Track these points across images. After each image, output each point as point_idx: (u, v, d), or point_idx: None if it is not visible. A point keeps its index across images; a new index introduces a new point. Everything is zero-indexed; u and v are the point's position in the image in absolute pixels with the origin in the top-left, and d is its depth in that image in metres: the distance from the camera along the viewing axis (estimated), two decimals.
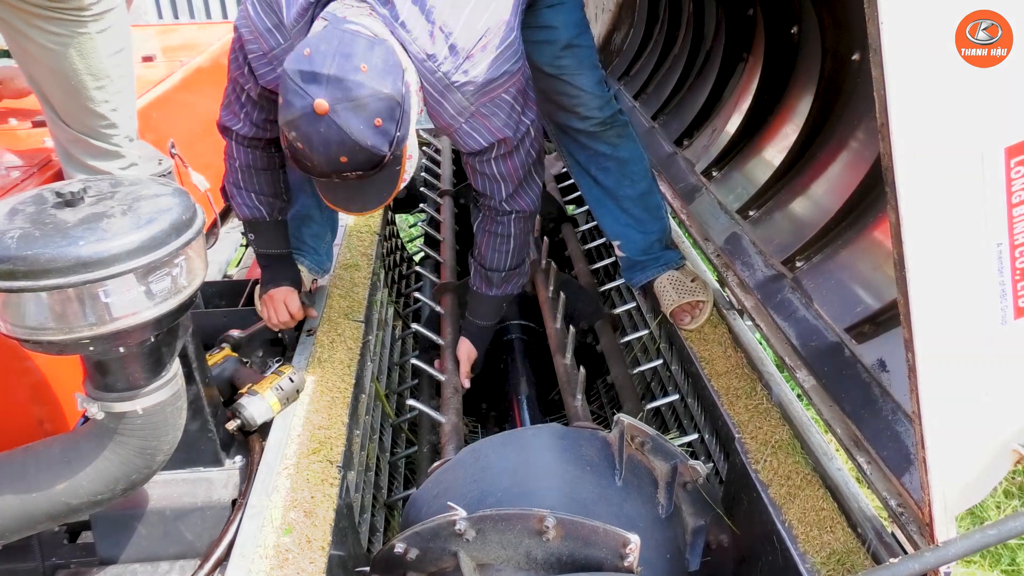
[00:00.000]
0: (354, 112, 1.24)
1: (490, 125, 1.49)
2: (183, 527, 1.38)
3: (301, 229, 1.92)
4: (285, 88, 1.27)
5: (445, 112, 1.46)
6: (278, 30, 1.45)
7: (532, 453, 1.32)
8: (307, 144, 1.26)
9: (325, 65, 1.23)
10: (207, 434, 1.39)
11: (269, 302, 1.76)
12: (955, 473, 1.01)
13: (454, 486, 1.33)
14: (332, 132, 1.24)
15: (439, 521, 1.13)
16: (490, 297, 1.81)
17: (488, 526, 1.13)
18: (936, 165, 0.86)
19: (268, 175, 1.72)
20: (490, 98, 1.45)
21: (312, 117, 1.23)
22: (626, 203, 1.94)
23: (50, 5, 1.60)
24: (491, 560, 1.15)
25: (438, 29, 1.38)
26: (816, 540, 1.27)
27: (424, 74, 1.40)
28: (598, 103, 1.81)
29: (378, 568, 1.23)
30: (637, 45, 3.09)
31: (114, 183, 1.13)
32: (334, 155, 1.27)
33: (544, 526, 1.10)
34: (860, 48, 1.60)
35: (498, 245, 1.73)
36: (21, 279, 0.96)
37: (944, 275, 0.90)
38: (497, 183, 1.62)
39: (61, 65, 1.68)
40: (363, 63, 1.25)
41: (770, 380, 1.61)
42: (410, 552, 1.16)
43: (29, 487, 1.13)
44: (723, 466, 1.61)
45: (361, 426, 1.72)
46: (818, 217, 1.66)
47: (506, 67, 1.44)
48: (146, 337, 1.09)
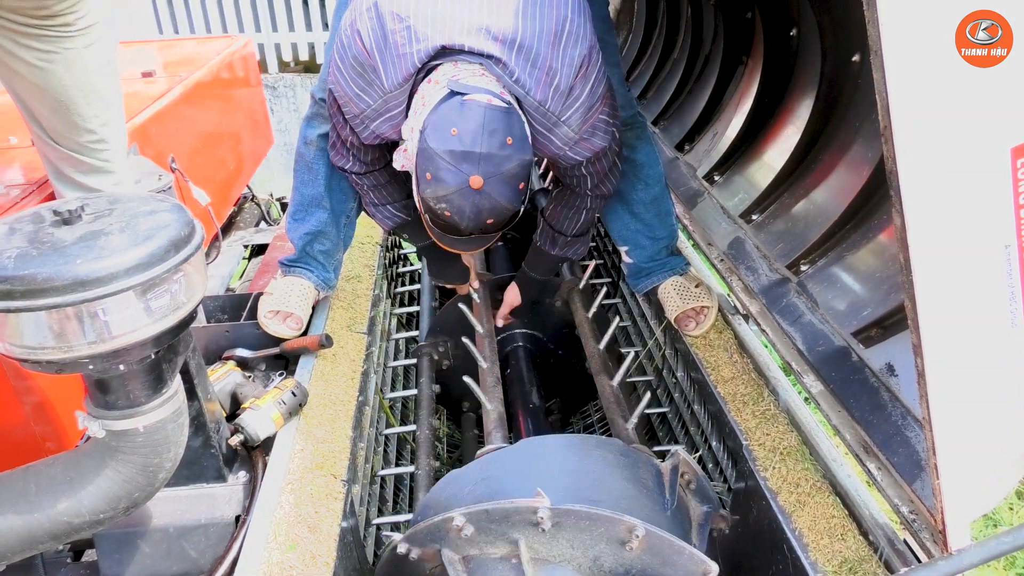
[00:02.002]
0: (505, 183, 1.34)
1: (591, 145, 1.55)
2: (187, 544, 1.37)
3: (313, 244, 1.92)
4: (435, 166, 1.32)
5: (552, 144, 1.50)
6: (367, 94, 1.46)
7: (595, 463, 1.29)
8: (458, 214, 1.36)
9: (476, 144, 1.29)
10: (210, 450, 1.38)
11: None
12: (968, 479, 1.00)
13: (508, 473, 1.30)
14: (485, 202, 1.34)
15: (518, 505, 1.09)
16: (551, 255, 1.91)
17: (569, 522, 1.09)
18: (941, 167, 0.84)
19: (391, 186, 1.79)
20: (591, 124, 1.51)
21: (467, 192, 1.32)
22: (638, 207, 1.93)
23: (35, 22, 1.58)
24: (550, 557, 1.11)
25: (545, 74, 1.40)
26: (827, 548, 1.25)
27: (536, 117, 1.44)
28: (620, 102, 1.81)
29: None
30: (636, 51, 3.09)
31: (112, 200, 1.12)
32: (484, 219, 1.37)
33: (633, 536, 1.07)
34: (860, 49, 1.59)
35: (571, 214, 1.81)
36: (19, 299, 0.95)
37: (952, 279, 0.89)
38: (585, 179, 1.68)
39: (48, 82, 1.66)
40: (508, 136, 1.32)
41: (777, 386, 1.59)
42: (465, 528, 1.12)
43: (31, 507, 1.12)
44: (731, 473, 1.59)
45: (365, 439, 1.70)
46: (822, 220, 1.65)
47: (600, 89, 1.48)
48: (146, 354, 1.08)
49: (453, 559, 1.13)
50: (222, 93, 3.32)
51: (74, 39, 1.66)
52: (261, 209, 3.74)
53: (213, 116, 3.19)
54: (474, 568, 1.13)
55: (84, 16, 1.66)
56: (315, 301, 1.95)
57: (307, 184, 1.87)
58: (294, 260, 1.94)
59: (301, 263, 1.94)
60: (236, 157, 3.38)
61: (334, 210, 1.90)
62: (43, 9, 1.57)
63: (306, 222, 1.90)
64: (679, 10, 2.69)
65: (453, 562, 1.13)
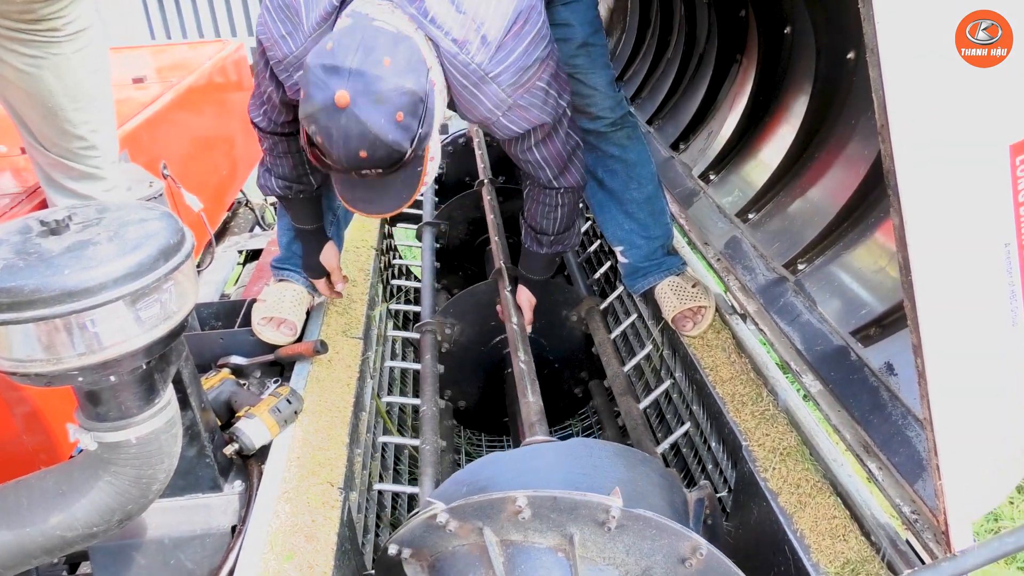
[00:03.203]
0: (375, 105, 1.22)
1: (527, 115, 1.50)
2: (183, 556, 1.36)
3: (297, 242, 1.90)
4: (307, 81, 1.25)
5: (482, 105, 1.45)
6: (292, 37, 1.44)
7: (639, 476, 1.26)
8: (327, 138, 1.25)
9: (347, 58, 1.22)
10: (204, 460, 1.37)
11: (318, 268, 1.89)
12: (970, 479, 0.99)
13: (555, 467, 1.26)
14: (352, 125, 1.22)
15: (590, 499, 1.05)
16: (542, 255, 1.90)
17: (636, 527, 1.06)
18: (939, 166, 0.83)
19: (286, 159, 1.74)
20: (526, 89, 1.45)
21: (332, 110, 1.22)
22: (632, 207, 1.92)
23: (22, 27, 1.57)
24: (599, 559, 1.08)
25: (469, 20, 1.36)
26: (829, 549, 1.24)
27: (458, 67, 1.39)
28: (610, 103, 1.80)
29: None
30: (630, 50, 3.08)
31: (100, 209, 1.11)
32: (353, 149, 1.25)
33: (696, 554, 1.05)
34: (855, 47, 1.58)
35: (547, 213, 1.78)
36: (5, 311, 0.94)
37: (951, 278, 0.88)
38: (542, 168, 1.65)
39: (37, 88, 1.65)
40: (386, 57, 1.24)
41: (776, 385, 1.58)
42: (524, 511, 1.08)
43: (23, 521, 1.11)
44: (731, 474, 1.58)
45: (362, 445, 1.69)
46: (818, 218, 1.64)
47: (537, 53, 1.43)
48: (137, 365, 1.07)
49: (493, 540, 1.09)
50: (214, 98, 3.31)
51: (62, 44, 1.65)
52: (255, 214, 3.72)
53: (206, 121, 3.17)
54: (514, 553, 1.09)
55: (72, 21, 1.65)
56: (309, 306, 1.94)
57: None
58: (282, 260, 1.94)
59: (288, 263, 1.93)
60: (229, 162, 3.37)
61: None
62: (29, 13, 1.56)
63: (289, 225, 1.90)
64: (672, 9, 2.68)
65: (493, 543, 1.09)
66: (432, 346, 2.09)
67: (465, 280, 2.86)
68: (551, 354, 2.31)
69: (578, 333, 2.28)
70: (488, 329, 2.25)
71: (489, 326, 2.23)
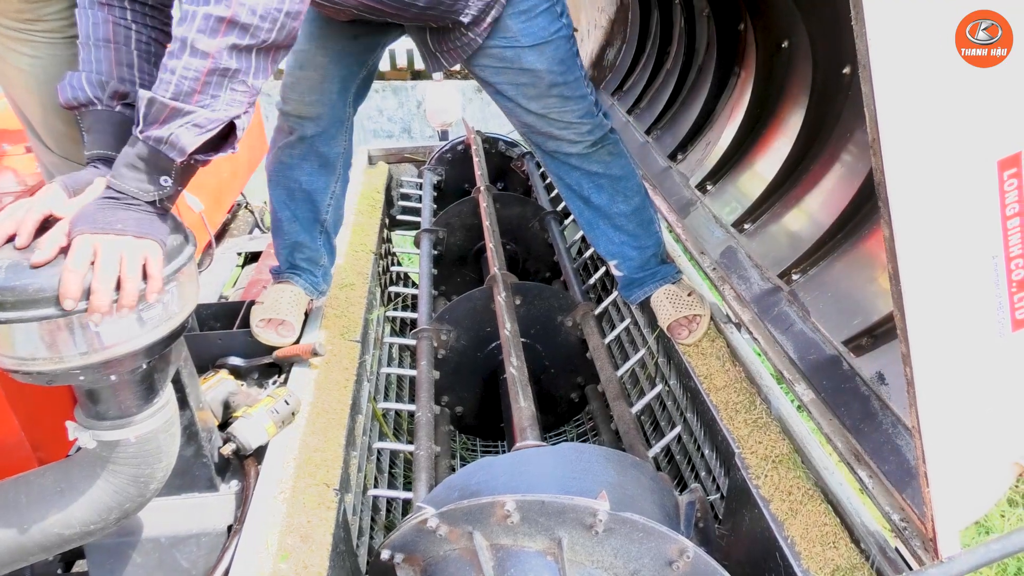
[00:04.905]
0: None
1: None
2: (178, 554, 1.36)
3: (294, 255, 1.93)
4: None
5: None
6: None
7: (630, 481, 1.27)
8: None
9: None
10: (201, 459, 1.37)
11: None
12: (957, 487, 1.00)
13: (546, 473, 1.27)
14: None
15: (577, 503, 1.06)
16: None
17: (623, 531, 1.07)
18: (928, 180, 0.85)
19: (107, 48, 1.35)
20: None
21: None
22: (620, 220, 1.94)
23: (20, 26, 1.58)
24: (588, 562, 1.09)
25: None
26: (819, 556, 1.25)
27: None
28: (588, 127, 1.80)
29: None
30: (630, 61, 3.11)
31: None
32: None
33: (683, 557, 1.06)
34: (850, 62, 1.60)
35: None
36: (9, 310, 0.95)
37: (940, 289, 0.90)
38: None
39: (39, 87, 1.67)
40: None
41: (769, 394, 1.60)
42: (513, 515, 1.10)
43: (21, 518, 1.11)
44: (723, 481, 1.60)
45: (358, 447, 1.70)
46: (813, 229, 1.66)
47: None
48: (138, 365, 1.08)
49: (483, 544, 1.11)
50: None
51: (59, 46, 1.66)
52: (255, 216, 3.74)
53: None
54: (504, 557, 1.11)
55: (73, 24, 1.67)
56: (308, 307, 1.96)
57: (275, 197, 1.89)
58: (281, 269, 1.97)
59: (288, 270, 1.95)
60: (230, 164, 3.38)
61: (302, 220, 1.91)
62: (25, 13, 1.57)
63: (280, 233, 1.92)
64: (672, 21, 2.71)
65: (483, 547, 1.10)
66: (428, 352, 2.11)
67: (463, 286, 2.87)
68: (547, 359, 2.32)
69: (573, 338, 2.29)
70: (484, 335, 2.26)
71: (485, 332, 2.25)
